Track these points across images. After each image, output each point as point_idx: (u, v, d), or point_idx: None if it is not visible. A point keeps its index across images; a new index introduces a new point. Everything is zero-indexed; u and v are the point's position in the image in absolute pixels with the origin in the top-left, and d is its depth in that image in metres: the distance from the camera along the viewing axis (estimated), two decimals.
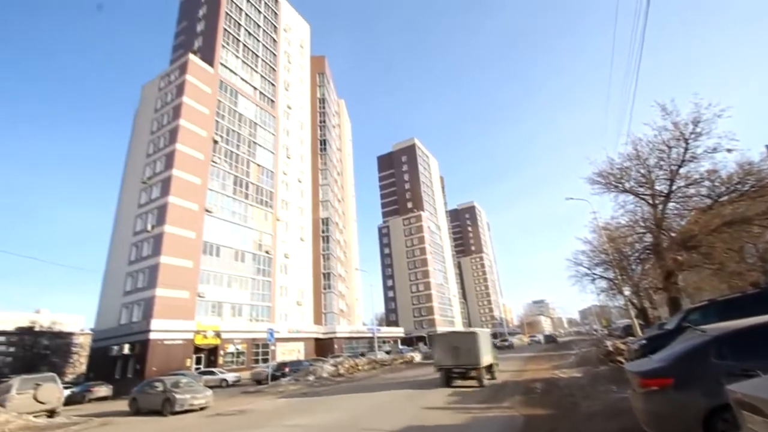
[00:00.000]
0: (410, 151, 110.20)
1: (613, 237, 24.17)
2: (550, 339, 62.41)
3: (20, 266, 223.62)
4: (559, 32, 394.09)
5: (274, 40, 58.07)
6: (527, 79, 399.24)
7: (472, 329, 17.40)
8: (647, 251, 20.78)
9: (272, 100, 54.05)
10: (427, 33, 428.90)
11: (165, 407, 15.25)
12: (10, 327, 72.25)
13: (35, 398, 18.23)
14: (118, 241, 40.51)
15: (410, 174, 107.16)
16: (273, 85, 55.04)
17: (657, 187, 18.15)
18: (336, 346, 49.41)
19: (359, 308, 73.68)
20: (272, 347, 35.82)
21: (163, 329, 32.27)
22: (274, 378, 28.12)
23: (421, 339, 79.35)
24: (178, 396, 15.21)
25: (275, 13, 60.22)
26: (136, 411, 16.86)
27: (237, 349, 38.40)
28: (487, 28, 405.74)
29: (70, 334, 74.48)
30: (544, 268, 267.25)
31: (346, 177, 77.87)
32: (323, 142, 62.65)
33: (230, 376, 29.89)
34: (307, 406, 13.86)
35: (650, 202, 18.69)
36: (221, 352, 36.63)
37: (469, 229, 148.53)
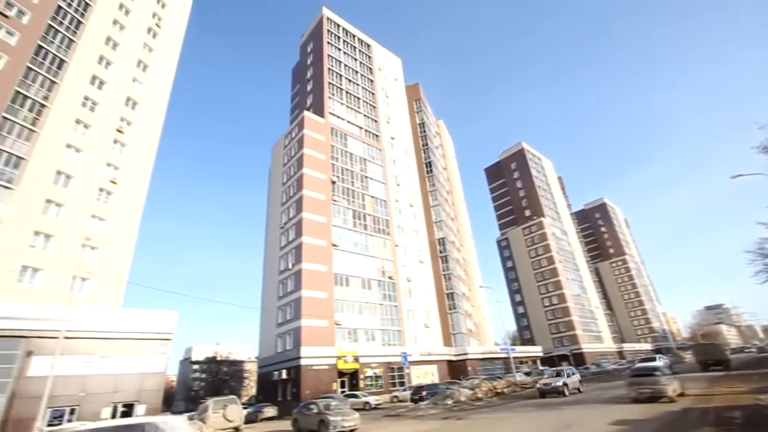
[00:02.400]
0: (519, 156, 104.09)
1: None
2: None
3: (198, 306, 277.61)
4: None
5: (371, 81, 62.79)
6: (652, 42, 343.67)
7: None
8: None
9: (376, 135, 57.87)
10: (519, 37, 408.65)
11: (321, 428, 16.90)
12: (200, 357, 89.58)
13: (224, 417, 22.11)
14: (268, 279, 47.41)
15: (523, 180, 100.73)
16: (375, 121, 59.07)
17: None
18: (469, 368, 47.94)
19: (488, 327, 70.54)
20: (407, 370, 36.69)
21: (311, 356, 36.04)
22: (413, 401, 28.67)
23: (563, 358, 71.51)
24: (331, 418, 16.74)
25: (368, 56, 65.38)
26: (299, 431, 18.96)
27: (375, 372, 40.36)
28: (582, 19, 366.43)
29: (242, 362, 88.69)
30: (714, 266, 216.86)
31: (456, 194, 77.33)
32: (429, 165, 63.89)
33: (372, 399, 31.44)
34: None
35: None
36: (361, 376, 38.97)
37: (603, 229, 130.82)
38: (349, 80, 58.76)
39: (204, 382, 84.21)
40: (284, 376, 37.05)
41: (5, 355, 20.92)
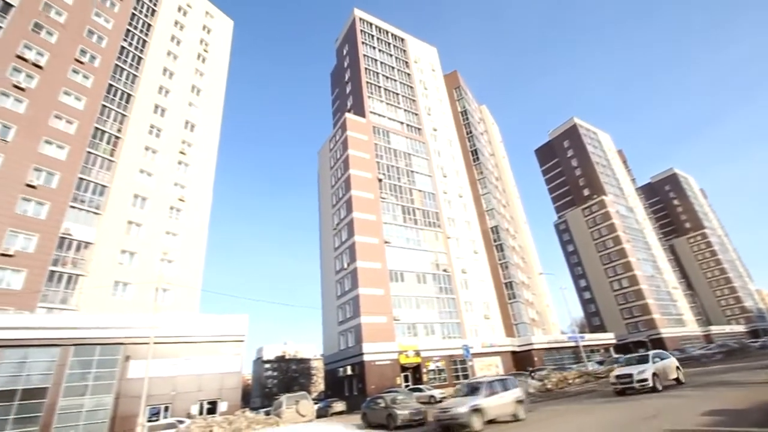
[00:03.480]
0: (572, 133, 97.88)
1: None
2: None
3: (264, 307, 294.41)
4: None
5: (408, 74, 62.44)
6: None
7: None
8: None
9: (418, 128, 57.47)
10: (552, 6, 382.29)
11: (389, 421, 17.15)
12: (271, 356, 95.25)
13: (297, 411, 23.34)
14: (326, 279, 49.13)
15: (578, 158, 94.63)
16: (416, 114, 58.68)
17: None
18: (535, 359, 46.24)
19: (552, 316, 67.42)
20: (470, 363, 36.29)
21: (373, 351, 36.85)
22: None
23: (640, 344, 66.45)
24: (398, 411, 16.97)
25: (403, 50, 65.03)
26: (369, 425, 19.17)
27: (437, 366, 40.33)
28: None
29: (308, 360, 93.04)
30: None
31: (506, 180, 74.64)
32: (474, 153, 62.27)
33: (437, 392, 31.43)
34: (528, 426, 13.36)
35: None
36: (424, 370, 39.14)
37: (676, 203, 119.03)
38: (387, 77, 58.87)
39: (276, 380, 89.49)
40: (349, 372, 38.26)
41: (109, 360, 23.79)
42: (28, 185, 28.33)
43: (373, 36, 61.97)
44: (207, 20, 49.61)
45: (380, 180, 47.53)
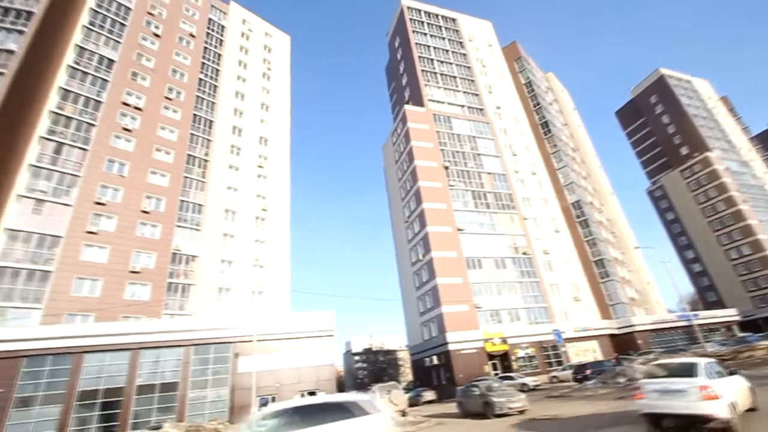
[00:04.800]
0: (659, 86, 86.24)
1: None
2: None
3: (348, 302, 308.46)
4: None
5: (464, 55, 60.23)
6: None
7: None
8: None
9: (480, 109, 55.28)
10: None
11: (486, 410, 16.50)
12: (359, 349, 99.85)
13: (390, 401, 24.16)
14: (403, 272, 49.92)
15: (670, 113, 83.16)
16: (476, 95, 56.48)
17: None
18: (639, 341, 42.02)
19: (655, 293, 60.64)
20: (562, 348, 34.33)
21: (457, 341, 36.65)
22: (576, 381, 26.65)
23: None
24: (495, 399, 16.17)
25: (456, 31, 62.84)
26: (465, 413, 18.65)
27: (526, 353, 38.79)
28: None
29: (394, 351, 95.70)
30: None
31: (584, 150, 68.52)
32: (545, 125, 58.09)
33: (529, 380, 30.27)
34: None
35: None
36: (512, 357, 37.91)
37: None
38: (442, 62, 57.50)
39: (366, 371, 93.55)
40: (435, 361, 38.56)
41: (222, 357, 27.01)
42: (143, 211, 33.13)
43: (423, 22, 60.85)
44: (267, 40, 53.01)
45: (446, 167, 46.76)
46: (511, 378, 31.01)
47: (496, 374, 35.47)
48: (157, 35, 41.54)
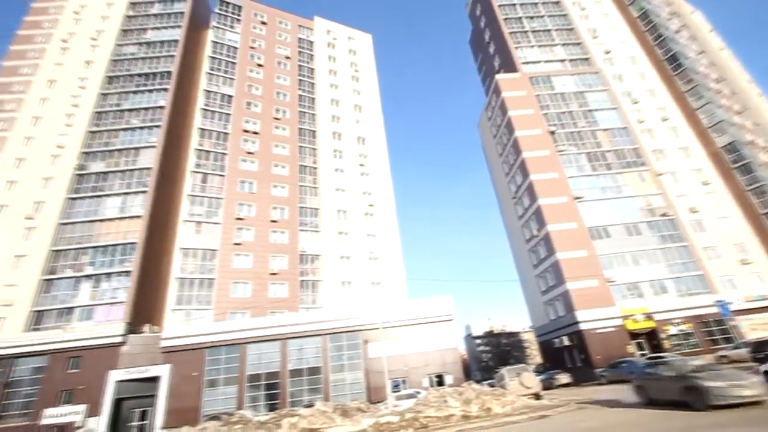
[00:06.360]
0: None
1: None
2: None
3: (462, 286, 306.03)
4: None
5: (556, 2, 53.75)
6: None
7: None
8: None
9: (585, 58, 48.77)
10: None
11: (691, 399, 11.03)
12: (479, 332, 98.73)
13: (521, 384, 23.43)
14: (517, 250, 47.51)
15: None
16: (578, 43, 49.97)
17: None
18: None
19: None
20: (731, 323, 28.72)
21: (589, 319, 33.46)
22: (756, 360, 22.02)
23: None
24: (709, 384, 10.63)
25: None
26: (648, 400, 13.28)
27: (681, 329, 33.40)
28: None
29: (517, 333, 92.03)
30: None
31: (734, 78, 54.99)
32: (672, 59, 48.23)
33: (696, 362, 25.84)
34: None
35: None
36: (662, 335, 33.06)
37: None
38: (531, 17, 52.23)
39: (489, 354, 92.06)
40: (566, 342, 35.93)
41: (353, 344, 29.72)
42: (272, 221, 38.12)
43: None
44: (350, 44, 55.33)
45: (552, 132, 42.62)
46: (661, 359, 27.12)
47: (643, 355, 31.42)
48: (260, 65, 46.92)
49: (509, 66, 49.13)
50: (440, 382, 28.11)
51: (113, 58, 43.61)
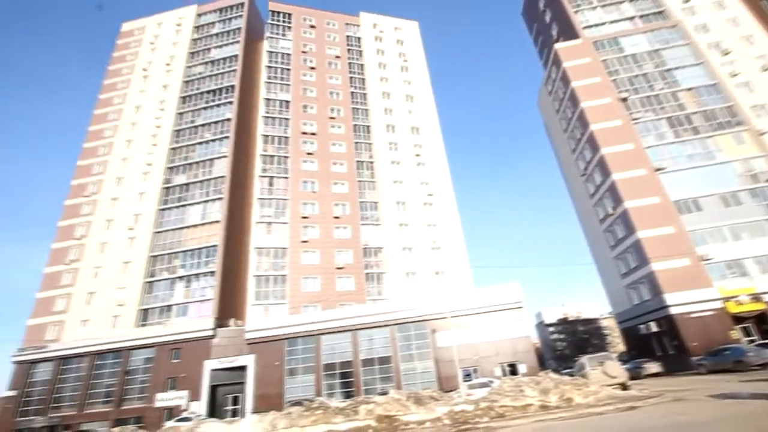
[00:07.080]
0: None
1: None
2: None
3: (530, 273, 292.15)
4: None
5: None
6: None
7: None
8: None
9: (659, 11, 43.45)
10: None
11: None
12: (552, 320, 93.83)
13: (605, 373, 21.91)
14: (589, 232, 44.22)
15: None
16: None
17: None
18: None
19: None
20: None
21: (681, 302, 30.19)
22: None
23: None
24: None
25: None
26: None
27: None
28: None
29: (595, 320, 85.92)
30: None
31: None
32: None
33: None
34: None
35: None
36: None
37: None
38: None
39: (564, 342, 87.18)
40: (654, 328, 32.84)
41: (421, 333, 30.03)
42: (335, 217, 39.54)
43: None
44: (397, 34, 54.92)
45: (624, 99, 38.70)
46: None
47: (751, 341, 27.68)
48: (312, 68, 48.56)
49: (569, 33, 45.39)
50: (513, 372, 27.36)
51: (185, 79, 48.16)
